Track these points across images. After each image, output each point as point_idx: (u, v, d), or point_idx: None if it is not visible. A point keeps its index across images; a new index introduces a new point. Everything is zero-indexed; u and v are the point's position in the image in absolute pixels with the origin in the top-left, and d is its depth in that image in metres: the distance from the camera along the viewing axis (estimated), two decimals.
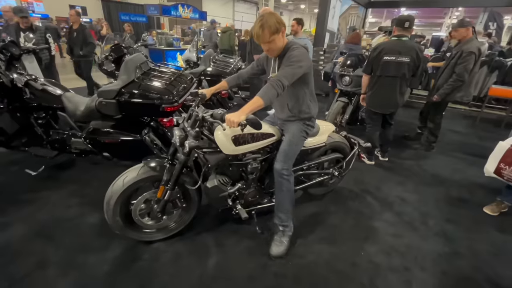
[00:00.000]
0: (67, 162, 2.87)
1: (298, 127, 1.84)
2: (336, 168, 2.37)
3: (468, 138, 4.26)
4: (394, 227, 2.16)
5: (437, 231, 2.14)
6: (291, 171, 1.76)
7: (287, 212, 1.83)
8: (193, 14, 8.45)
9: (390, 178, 2.94)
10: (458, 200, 2.59)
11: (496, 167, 2.23)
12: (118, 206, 1.65)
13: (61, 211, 2.16)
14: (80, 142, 2.44)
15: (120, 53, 3.76)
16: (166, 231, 1.88)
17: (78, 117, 2.43)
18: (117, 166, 2.78)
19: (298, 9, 30.39)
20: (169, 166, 1.69)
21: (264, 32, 1.55)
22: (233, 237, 1.97)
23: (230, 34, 6.62)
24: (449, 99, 3.19)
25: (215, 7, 21.93)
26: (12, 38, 2.75)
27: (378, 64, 2.75)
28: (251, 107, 1.47)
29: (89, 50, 4.51)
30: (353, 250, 1.90)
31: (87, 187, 2.49)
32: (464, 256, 1.90)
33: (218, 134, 1.70)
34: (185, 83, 2.37)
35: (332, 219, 2.22)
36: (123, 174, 1.67)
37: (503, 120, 5.03)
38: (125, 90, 2.11)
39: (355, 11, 9.26)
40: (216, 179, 1.80)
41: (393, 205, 2.46)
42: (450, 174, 3.06)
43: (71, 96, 2.53)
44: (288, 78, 1.55)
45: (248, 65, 3.87)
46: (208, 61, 3.74)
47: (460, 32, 2.95)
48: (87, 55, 4.55)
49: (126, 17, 10.36)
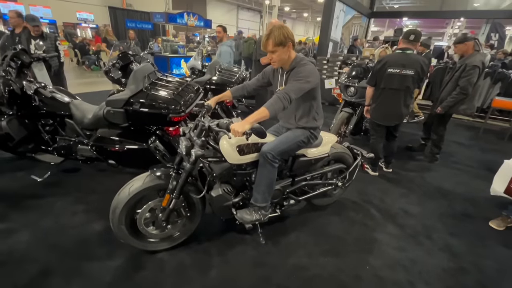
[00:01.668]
0: (73, 169, 2.89)
1: (302, 131, 1.90)
2: (340, 178, 2.37)
3: (471, 151, 4.26)
4: (398, 240, 2.15)
5: (441, 245, 2.13)
6: (276, 159, 1.77)
7: (263, 194, 1.82)
8: (198, 22, 8.60)
9: (393, 189, 2.93)
10: (462, 214, 2.58)
11: (507, 186, 2.20)
12: (124, 214, 1.66)
13: (66, 218, 2.17)
14: (87, 149, 2.47)
15: (127, 60, 3.83)
16: (170, 240, 1.88)
17: (85, 124, 2.46)
18: (122, 173, 2.81)
19: (301, 18, 30.79)
20: (175, 175, 1.71)
21: (268, 41, 1.64)
22: (236, 247, 1.96)
23: (250, 44, 6.98)
24: (452, 112, 3.21)
25: (219, 15, 22.28)
26: (23, 46, 2.80)
27: (382, 76, 2.78)
28: (256, 117, 1.51)
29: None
30: (358, 263, 1.89)
31: (92, 194, 2.51)
32: (469, 271, 1.89)
33: (223, 144, 1.73)
34: (192, 93, 2.40)
35: (336, 231, 2.22)
36: (129, 183, 1.69)
37: (506, 132, 5.02)
38: (133, 99, 2.14)
39: (358, 21, 9.37)
40: (221, 188, 1.82)
41: (396, 217, 2.45)
42: (454, 187, 3.05)
43: (79, 104, 2.57)
44: (295, 92, 1.61)
45: (254, 72, 3.95)
46: (214, 70, 3.79)
47: (459, 48, 2.99)
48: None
49: (132, 24, 10.55)
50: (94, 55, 9.70)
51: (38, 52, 3.39)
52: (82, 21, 13.84)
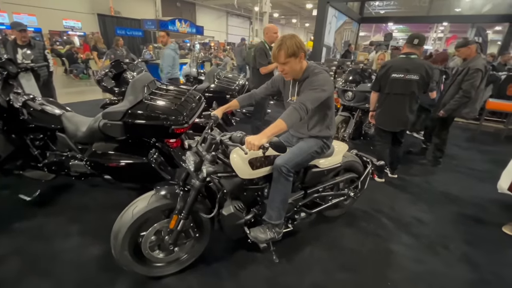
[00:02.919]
0: (64, 186, 2.69)
1: (315, 141, 1.81)
2: (352, 188, 2.29)
3: (471, 153, 4.27)
4: (414, 252, 2.07)
5: (459, 255, 2.06)
6: (290, 172, 1.67)
7: (278, 211, 1.71)
8: (190, 28, 8.49)
9: (401, 196, 2.87)
10: (474, 219, 2.52)
11: (511, 184, 2.20)
12: (127, 239, 1.51)
13: (60, 241, 1.99)
14: (81, 165, 2.30)
15: (120, 69, 3.68)
16: (178, 263, 1.73)
17: (78, 138, 2.30)
18: (118, 189, 2.63)
19: (290, 23, 31.13)
20: (182, 194, 1.57)
21: (280, 53, 1.55)
22: (248, 267, 1.83)
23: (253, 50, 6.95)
24: (455, 115, 3.19)
25: (209, 21, 22.23)
26: (9, 56, 2.62)
27: (386, 81, 2.73)
28: (273, 131, 1.42)
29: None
30: (377, 279, 1.79)
31: (87, 212, 2.33)
32: (492, 283, 1.81)
33: (234, 158, 1.61)
34: (194, 103, 2.28)
35: (350, 243, 2.12)
36: (132, 204, 1.54)
37: (501, 133, 5.09)
38: (132, 111, 2.00)
39: (349, 26, 9.49)
40: (232, 205, 1.69)
41: (409, 226, 2.37)
42: (460, 191, 3.01)
43: (71, 116, 2.40)
44: (312, 102, 1.53)
45: (251, 80, 3.87)
46: (212, 78, 3.68)
47: (463, 51, 2.99)
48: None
49: (122, 31, 10.34)
50: (83, 63, 9.43)
51: (26, 61, 3.20)
52: (69, 29, 13.51)
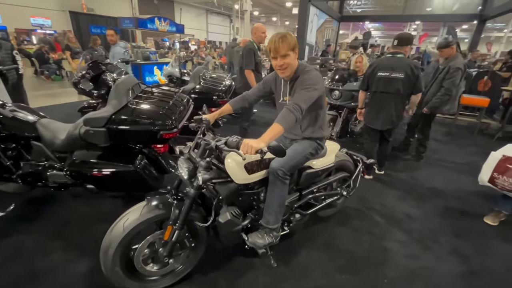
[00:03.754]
0: (42, 198, 2.50)
1: (309, 143, 1.80)
2: (344, 187, 2.30)
3: (450, 147, 4.47)
4: (407, 248, 2.11)
5: (449, 248, 2.12)
6: (287, 175, 1.64)
7: (275, 214, 1.68)
8: (170, 27, 8.20)
9: (390, 192, 2.93)
10: (459, 212, 2.63)
11: (490, 176, 2.30)
12: (119, 254, 1.41)
13: (41, 259, 1.83)
14: (60, 175, 2.14)
15: (98, 70, 3.47)
16: (173, 276, 1.65)
17: (57, 146, 2.13)
18: (101, 199, 2.49)
19: (270, 22, 31.19)
20: (176, 203, 1.49)
21: (283, 44, 1.51)
22: (246, 275, 1.78)
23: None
24: (437, 112, 3.32)
25: (188, 19, 21.74)
26: None
27: (373, 80, 2.78)
28: (270, 135, 1.38)
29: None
30: (375, 278, 1.81)
31: (69, 225, 2.17)
32: (481, 275, 1.88)
33: (228, 163, 1.55)
34: (182, 106, 2.18)
35: (346, 244, 2.12)
36: (123, 216, 1.44)
37: (474, 127, 5.37)
38: (116, 116, 1.88)
39: (329, 24, 9.63)
40: (228, 212, 1.63)
41: (400, 222, 2.43)
42: (444, 185, 3.13)
43: (48, 123, 2.22)
44: (306, 101, 1.50)
45: (239, 80, 3.80)
46: (198, 78, 3.57)
47: (446, 52, 3.10)
48: None
49: (97, 30, 9.82)
50: (55, 64, 8.87)
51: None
52: (38, 27, 12.68)
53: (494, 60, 10.90)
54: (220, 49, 17.51)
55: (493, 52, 20.29)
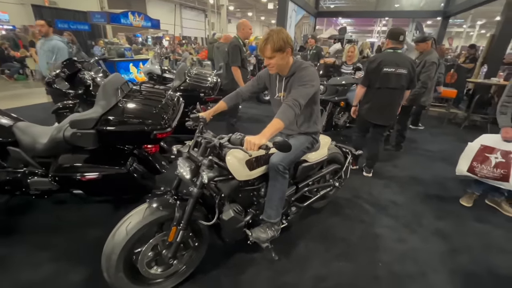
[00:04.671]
0: (23, 206, 2.34)
1: (305, 137, 1.85)
2: (336, 178, 2.39)
3: (424, 135, 4.78)
4: (396, 233, 2.25)
5: (432, 230, 2.29)
6: (286, 170, 1.69)
7: (276, 209, 1.73)
8: (145, 22, 7.85)
9: (375, 181, 3.08)
10: (437, 196, 2.83)
11: (470, 166, 2.47)
12: (122, 260, 1.37)
13: (29, 273, 1.72)
14: (44, 181, 2.00)
15: (74, 69, 3.26)
16: (176, 277, 1.63)
17: (38, 151, 1.99)
18: (88, 204, 2.38)
19: (246, 17, 30.94)
20: (179, 203, 1.47)
21: (266, 46, 1.54)
22: (248, 270, 1.81)
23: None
24: (414, 103, 3.52)
25: (161, 14, 20.93)
26: None
27: (378, 76, 2.69)
28: (271, 130, 1.40)
29: None
30: (371, 263, 1.91)
31: (55, 234, 2.05)
32: (461, 252, 2.06)
33: (229, 159, 1.56)
34: (174, 104, 2.13)
35: (340, 232, 2.22)
36: (125, 220, 1.40)
37: (444, 116, 5.77)
38: (106, 117, 1.80)
39: (307, 20, 9.78)
40: (231, 209, 1.63)
41: (387, 209, 2.58)
42: (422, 173, 3.35)
43: (26, 127, 2.07)
44: (304, 97, 1.55)
45: (225, 76, 3.77)
46: (183, 76, 3.48)
47: (421, 46, 3.28)
48: None
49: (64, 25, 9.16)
50: (17, 62, 8.18)
51: None
52: None
53: (457, 54, 11.71)
54: (196, 45, 17.12)
55: (454, 47, 21.80)
